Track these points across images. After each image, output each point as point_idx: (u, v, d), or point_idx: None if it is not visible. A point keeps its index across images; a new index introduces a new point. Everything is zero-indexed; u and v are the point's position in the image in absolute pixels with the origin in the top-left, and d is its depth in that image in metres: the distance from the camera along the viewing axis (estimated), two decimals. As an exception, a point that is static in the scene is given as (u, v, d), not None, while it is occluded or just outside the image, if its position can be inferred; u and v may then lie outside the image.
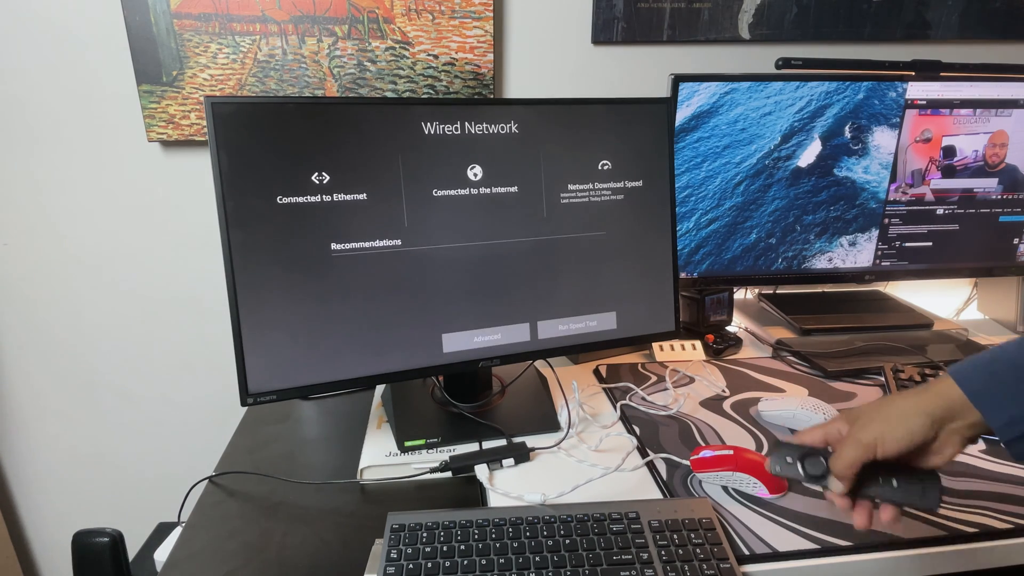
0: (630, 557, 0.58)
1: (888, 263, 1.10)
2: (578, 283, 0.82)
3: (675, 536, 0.60)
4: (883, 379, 0.92)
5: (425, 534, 0.60)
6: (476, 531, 0.60)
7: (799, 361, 1.01)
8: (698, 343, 1.03)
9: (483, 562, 0.58)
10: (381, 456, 0.76)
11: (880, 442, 0.51)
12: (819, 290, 1.23)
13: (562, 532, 0.61)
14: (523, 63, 1.11)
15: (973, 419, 0.50)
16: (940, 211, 1.08)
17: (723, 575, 0.56)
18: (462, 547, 0.59)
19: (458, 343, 0.78)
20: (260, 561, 0.62)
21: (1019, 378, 0.49)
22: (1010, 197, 1.08)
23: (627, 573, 0.57)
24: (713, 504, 0.67)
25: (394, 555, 0.58)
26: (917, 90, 1.01)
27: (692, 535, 0.60)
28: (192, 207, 1.12)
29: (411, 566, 0.57)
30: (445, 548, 0.59)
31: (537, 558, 0.58)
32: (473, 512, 0.63)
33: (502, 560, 0.58)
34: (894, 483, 0.53)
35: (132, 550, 0.85)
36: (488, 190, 0.77)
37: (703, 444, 0.77)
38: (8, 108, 1.04)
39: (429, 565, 0.57)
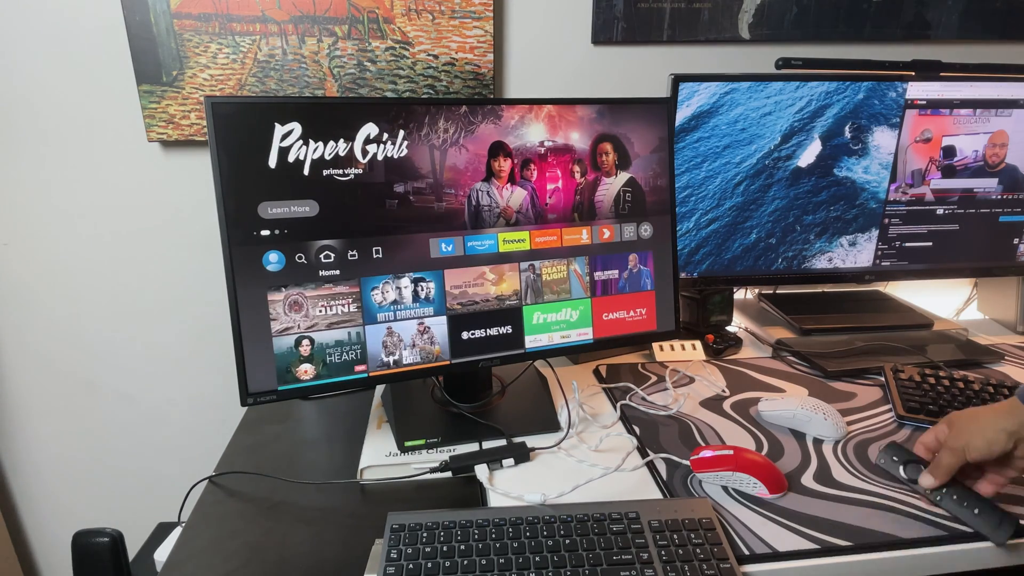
0: (630, 557, 0.58)
1: (888, 263, 1.10)
2: (578, 283, 0.82)
3: (675, 536, 0.60)
4: (883, 379, 0.92)
5: (425, 534, 0.60)
6: (476, 531, 0.60)
7: (799, 361, 1.01)
8: (698, 343, 1.03)
9: (483, 562, 0.58)
10: (381, 456, 0.76)
11: (967, 449, 0.62)
12: (819, 290, 1.23)
13: (562, 532, 0.61)
14: (523, 63, 1.11)
15: None
16: (940, 211, 1.08)
17: (723, 575, 0.56)
18: (462, 547, 0.59)
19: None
20: (260, 561, 0.62)
21: None
22: (1010, 197, 1.08)
23: (627, 573, 0.57)
24: (713, 504, 0.67)
25: (394, 555, 0.58)
26: (917, 90, 1.01)
27: (692, 535, 0.60)
28: (192, 207, 1.12)
29: (411, 566, 0.57)
30: (445, 548, 0.59)
31: (537, 558, 0.58)
32: (473, 512, 0.63)
33: (502, 560, 0.58)
34: (976, 511, 0.62)
35: (132, 550, 0.85)
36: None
37: (703, 444, 0.77)
38: (8, 108, 1.04)
39: (429, 565, 0.57)
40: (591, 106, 0.80)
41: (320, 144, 0.69)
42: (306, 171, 0.69)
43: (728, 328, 1.10)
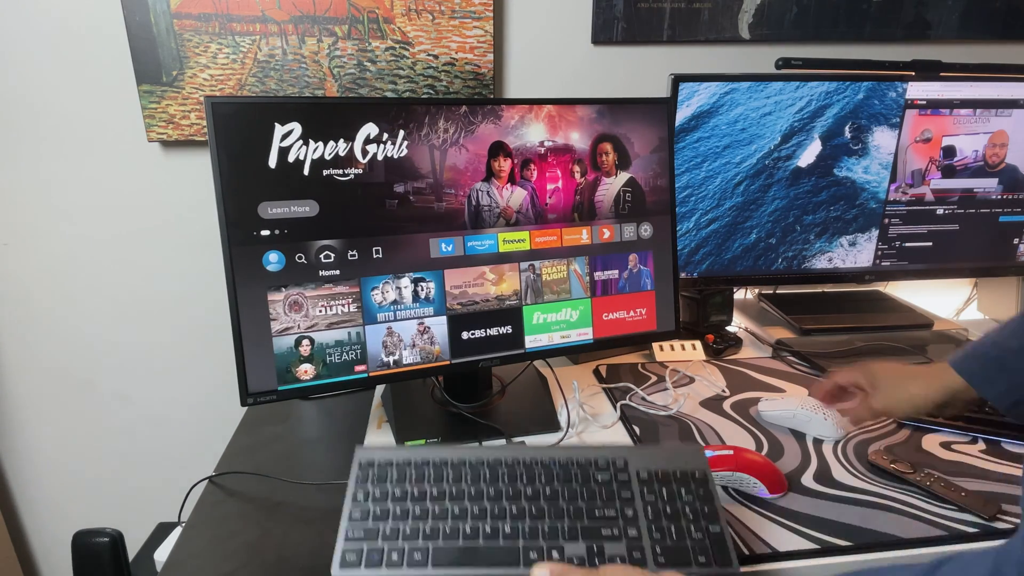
0: (614, 513, 0.54)
1: (888, 263, 1.10)
2: (578, 283, 0.82)
3: (664, 490, 0.56)
4: (883, 379, 0.92)
5: (395, 473, 0.56)
6: (451, 472, 0.56)
7: (799, 361, 1.01)
8: (698, 343, 1.03)
9: (456, 510, 0.54)
10: (381, 456, 0.76)
11: (887, 412, 0.67)
12: (819, 290, 1.23)
13: (543, 479, 0.56)
14: (523, 63, 1.11)
15: (971, 396, 0.63)
16: (940, 211, 1.08)
17: (712, 539, 0.53)
18: (434, 491, 0.55)
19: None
20: (260, 561, 0.62)
21: (1004, 357, 0.61)
22: (1010, 197, 1.08)
23: (609, 531, 0.53)
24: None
25: (360, 497, 0.55)
26: (917, 90, 1.01)
27: (683, 489, 0.56)
28: (192, 207, 1.12)
29: (378, 511, 0.54)
30: (416, 492, 0.55)
31: (514, 509, 0.54)
32: (450, 450, 0.58)
33: (476, 509, 0.54)
34: (962, 492, 0.66)
35: (132, 550, 0.85)
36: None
37: (703, 444, 0.77)
38: (8, 108, 1.04)
39: (398, 511, 0.54)
40: (591, 106, 0.80)
41: (320, 144, 0.69)
42: (306, 171, 0.69)
43: (728, 328, 1.10)
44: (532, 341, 0.81)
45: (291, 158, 0.69)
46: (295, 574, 0.60)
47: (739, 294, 1.26)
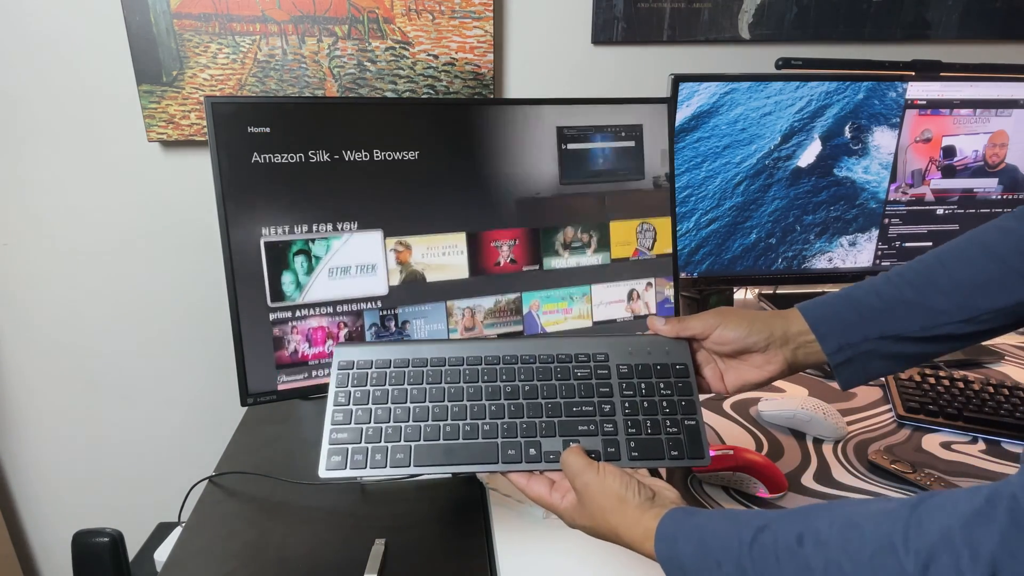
0: (591, 409, 0.54)
1: (888, 263, 1.10)
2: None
3: (643, 385, 0.56)
4: (883, 379, 0.92)
5: (375, 374, 0.56)
6: (430, 373, 0.56)
7: (799, 361, 1.00)
8: (698, 343, 1.03)
9: (436, 410, 0.54)
10: (381, 456, 0.76)
11: (719, 328, 0.57)
12: (819, 290, 1.23)
13: (522, 376, 0.56)
14: (523, 63, 1.11)
15: (807, 346, 0.56)
16: (940, 211, 1.08)
17: (688, 432, 0.54)
18: (414, 391, 0.55)
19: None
20: (260, 561, 0.62)
21: (852, 311, 0.56)
22: (1010, 197, 1.08)
23: (586, 427, 0.53)
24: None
25: (342, 399, 0.55)
26: (917, 90, 1.01)
27: (661, 384, 0.56)
28: (192, 207, 1.12)
29: (359, 412, 0.54)
30: (396, 392, 0.55)
31: (493, 407, 0.54)
32: (429, 347, 0.57)
33: (455, 408, 0.54)
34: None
35: (132, 550, 0.85)
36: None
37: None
38: (8, 108, 1.04)
39: (379, 412, 0.54)
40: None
41: (320, 144, 0.69)
42: (306, 171, 0.69)
43: (728, 328, 1.10)
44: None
45: (291, 158, 0.69)
46: (295, 574, 0.60)
47: (739, 294, 1.26)
